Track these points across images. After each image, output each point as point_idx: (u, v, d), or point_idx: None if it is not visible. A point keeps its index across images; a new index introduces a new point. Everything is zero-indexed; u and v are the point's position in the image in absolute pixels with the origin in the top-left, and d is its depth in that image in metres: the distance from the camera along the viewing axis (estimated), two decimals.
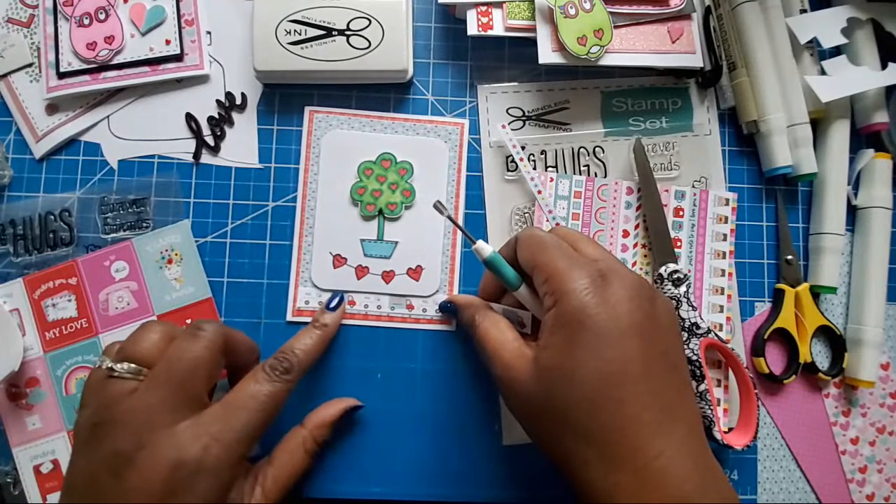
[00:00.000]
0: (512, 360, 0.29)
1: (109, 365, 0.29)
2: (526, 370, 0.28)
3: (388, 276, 0.39)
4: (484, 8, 0.38)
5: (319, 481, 0.37)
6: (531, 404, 0.28)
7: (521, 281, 0.32)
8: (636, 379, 0.26)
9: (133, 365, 0.29)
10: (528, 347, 0.30)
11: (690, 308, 0.37)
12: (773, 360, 0.40)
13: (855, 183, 0.42)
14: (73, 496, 0.27)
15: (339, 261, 0.39)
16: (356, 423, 0.38)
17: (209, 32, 0.40)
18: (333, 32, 0.37)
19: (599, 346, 0.26)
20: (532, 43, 0.38)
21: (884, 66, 0.41)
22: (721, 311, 0.39)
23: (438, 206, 0.34)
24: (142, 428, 0.27)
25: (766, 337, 0.39)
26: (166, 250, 0.39)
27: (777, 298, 0.40)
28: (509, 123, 0.41)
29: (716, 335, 0.37)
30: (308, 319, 0.38)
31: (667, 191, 0.40)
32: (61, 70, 0.39)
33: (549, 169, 0.40)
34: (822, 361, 0.41)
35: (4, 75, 0.40)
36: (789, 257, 0.41)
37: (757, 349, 0.40)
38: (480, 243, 0.33)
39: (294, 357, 0.32)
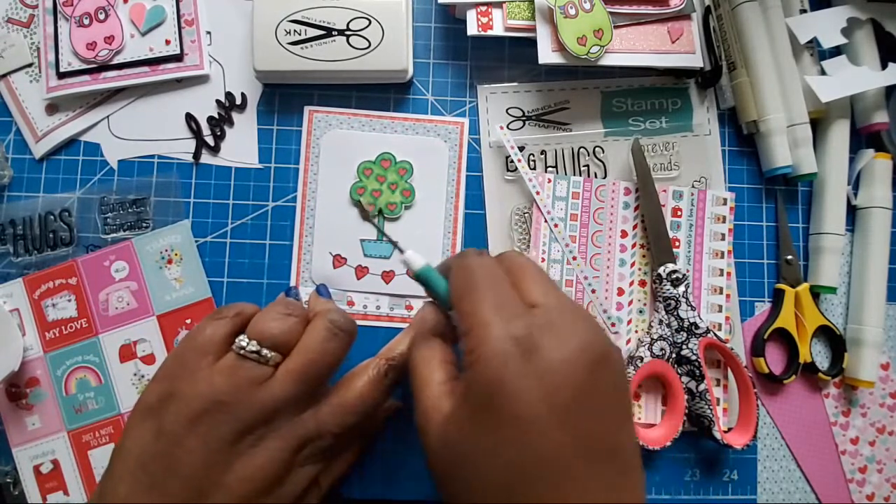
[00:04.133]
0: (428, 409, 0.25)
1: (246, 346, 0.28)
2: (436, 430, 0.24)
3: (387, 276, 0.39)
4: (484, 8, 0.38)
5: None
6: (435, 470, 0.25)
7: None
8: (558, 478, 0.22)
9: (270, 353, 0.28)
10: (448, 399, 0.25)
11: (689, 308, 0.37)
12: (773, 360, 0.40)
13: (855, 183, 0.41)
14: (181, 470, 0.26)
15: (339, 261, 0.39)
16: None
17: (209, 32, 0.40)
18: (333, 32, 0.37)
19: (515, 435, 0.22)
20: (532, 43, 0.38)
21: (884, 66, 0.41)
22: (720, 310, 0.39)
23: (362, 206, 0.32)
24: (268, 419, 0.27)
25: (765, 337, 0.39)
26: (166, 250, 0.39)
27: (777, 298, 0.40)
28: (509, 123, 0.41)
29: (715, 335, 0.37)
30: None
31: (665, 191, 0.40)
32: (61, 70, 0.39)
33: (550, 169, 0.40)
34: (822, 361, 0.41)
35: (4, 75, 0.40)
36: (789, 257, 0.41)
37: (757, 349, 0.40)
38: (411, 254, 0.29)
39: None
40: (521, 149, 0.40)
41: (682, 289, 0.38)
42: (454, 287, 0.27)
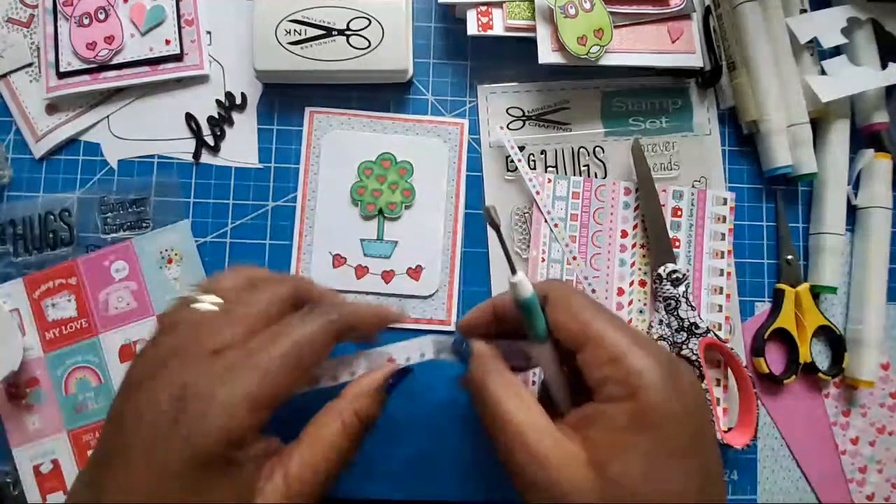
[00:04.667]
0: (550, 456, 0.22)
1: (188, 295, 0.26)
2: (578, 476, 0.22)
3: (387, 276, 0.39)
4: (484, 8, 0.38)
5: None
6: None
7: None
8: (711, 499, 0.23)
9: (209, 299, 0.25)
10: (570, 439, 0.23)
11: (689, 308, 0.37)
12: (773, 360, 0.40)
13: (855, 183, 0.41)
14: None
15: (338, 261, 0.39)
16: None
17: (209, 32, 0.40)
18: (333, 32, 0.37)
19: (687, 460, 0.22)
20: (532, 43, 0.38)
21: (884, 66, 0.41)
22: (720, 310, 0.39)
23: (491, 214, 0.27)
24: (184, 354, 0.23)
25: (766, 337, 0.39)
26: (166, 250, 0.39)
27: (777, 298, 0.40)
28: (509, 123, 0.41)
29: (715, 335, 0.37)
30: None
31: (665, 191, 0.40)
32: (61, 70, 0.39)
33: (550, 169, 0.40)
34: (822, 361, 0.41)
35: (4, 75, 0.40)
36: (789, 257, 0.41)
37: (757, 349, 0.40)
38: (522, 276, 0.26)
39: (339, 300, 0.27)
40: (521, 149, 0.40)
41: (682, 289, 0.38)
42: (576, 316, 0.25)
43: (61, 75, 0.39)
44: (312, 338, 0.24)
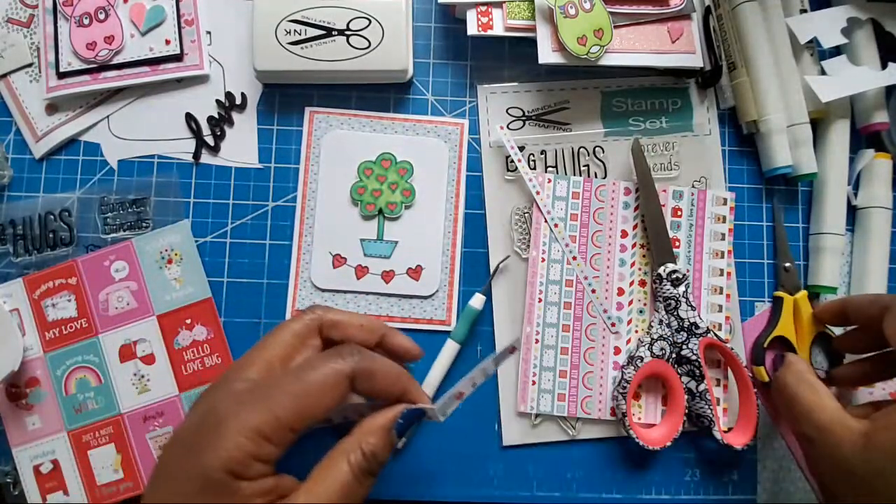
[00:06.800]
0: (830, 425, 0.30)
1: None
2: (850, 441, 0.29)
3: (387, 276, 0.39)
4: (484, 8, 0.38)
5: None
6: (852, 475, 0.29)
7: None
8: None
9: None
10: (854, 420, 0.30)
11: (689, 308, 0.37)
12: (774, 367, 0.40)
13: (855, 183, 0.41)
14: None
15: (338, 260, 0.39)
16: None
17: (209, 32, 0.40)
18: (333, 32, 0.37)
19: None
20: (532, 43, 0.38)
21: (884, 66, 0.41)
22: (720, 310, 0.39)
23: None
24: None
25: (765, 346, 0.39)
26: (166, 250, 0.39)
27: (776, 306, 0.40)
28: (509, 123, 0.41)
29: (715, 335, 0.37)
30: None
31: (665, 191, 0.40)
32: (61, 70, 0.39)
33: (550, 169, 0.40)
34: (822, 362, 0.41)
35: (4, 75, 0.40)
36: (787, 265, 0.40)
37: (757, 357, 0.39)
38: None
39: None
40: (521, 149, 0.40)
41: (682, 289, 0.38)
42: None
43: (61, 75, 0.39)
44: (324, 382, 0.26)
